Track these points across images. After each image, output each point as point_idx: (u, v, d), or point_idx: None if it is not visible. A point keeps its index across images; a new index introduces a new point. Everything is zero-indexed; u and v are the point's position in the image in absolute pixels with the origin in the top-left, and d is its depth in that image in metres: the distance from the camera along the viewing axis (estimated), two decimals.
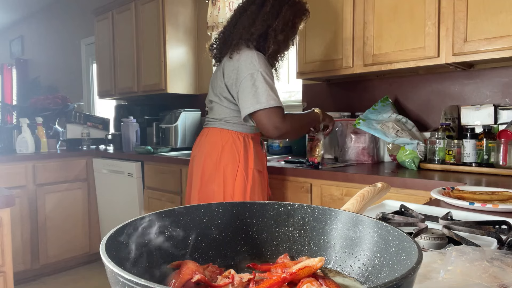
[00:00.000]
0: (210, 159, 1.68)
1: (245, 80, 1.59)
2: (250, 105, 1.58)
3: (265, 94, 1.57)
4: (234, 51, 1.63)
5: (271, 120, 1.58)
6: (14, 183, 2.75)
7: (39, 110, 3.24)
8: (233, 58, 1.63)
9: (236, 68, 1.62)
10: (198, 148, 1.77)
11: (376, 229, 0.46)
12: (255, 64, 1.59)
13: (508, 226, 0.72)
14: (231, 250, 0.53)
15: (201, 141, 1.76)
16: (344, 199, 1.71)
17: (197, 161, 1.74)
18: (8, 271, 1.32)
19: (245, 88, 1.58)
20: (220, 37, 1.76)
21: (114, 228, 0.43)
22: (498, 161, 1.62)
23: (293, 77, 2.53)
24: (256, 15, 1.65)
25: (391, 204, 0.96)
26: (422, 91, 2.11)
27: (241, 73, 1.60)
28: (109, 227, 3.02)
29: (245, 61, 1.60)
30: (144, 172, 2.77)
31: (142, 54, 3.23)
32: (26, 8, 5.61)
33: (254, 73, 1.58)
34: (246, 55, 1.61)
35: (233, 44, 1.64)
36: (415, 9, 1.77)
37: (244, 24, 1.65)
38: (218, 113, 1.72)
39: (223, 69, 1.68)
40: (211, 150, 1.69)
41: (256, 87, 1.57)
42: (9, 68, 6.56)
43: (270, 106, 1.57)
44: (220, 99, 1.70)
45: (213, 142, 1.70)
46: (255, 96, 1.57)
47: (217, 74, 1.73)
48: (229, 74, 1.64)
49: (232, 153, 1.67)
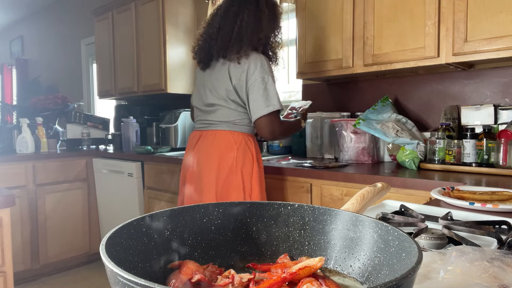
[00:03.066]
0: (225, 162, 1.69)
1: (256, 83, 1.64)
2: (263, 107, 1.64)
3: (276, 97, 1.66)
4: (242, 57, 1.66)
5: (271, 123, 1.67)
6: (14, 183, 2.75)
7: (39, 110, 3.24)
8: (242, 63, 1.66)
9: (245, 72, 1.66)
10: (204, 152, 1.74)
11: (376, 229, 0.46)
12: (264, 68, 1.66)
13: (508, 226, 0.72)
14: (231, 250, 0.53)
15: (209, 144, 1.74)
16: (344, 199, 1.71)
17: (206, 165, 1.72)
18: (8, 271, 1.32)
19: (257, 91, 1.65)
20: (204, 41, 1.77)
21: (114, 228, 0.43)
22: (498, 161, 1.62)
23: (293, 77, 2.53)
24: (258, 20, 1.68)
25: (391, 204, 0.96)
26: (422, 91, 2.11)
27: (251, 77, 1.65)
28: (109, 227, 3.02)
29: (255, 65, 1.65)
30: (144, 172, 2.77)
31: (142, 54, 3.23)
32: (26, 8, 5.61)
33: (265, 77, 1.65)
34: (255, 58, 1.66)
35: (237, 49, 1.66)
36: (415, 9, 1.77)
37: (247, 31, 1.67)
38: (224, 115, 1.73)
39: (230, 73, 1.69)
40: (225, 153, 1.70)
41: (267, 90, 1.65)
42: (9, 68, 6.56)
43: (279, 108, 1.67)
44: (227, 101, 1.71)
45: (226, 145, 1.71)
46: (268, 99, 1.64)
47: (218, 77, 1.73)
48: (238, 77, 1.67)
49: (247, 154, 1.72)
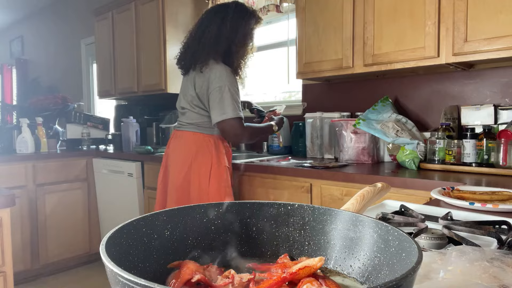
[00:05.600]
0: (185, 161, 1.86)
1: (214, 92, 1.80)
2: (218, 115, 1.80)
3: (231, 106, 1.79)
4: (203, 66, 1.83)
5: (233, 128, 1.81)
6: (14, 183, 2.75)
7: (39, 110, 3.23)
8: (204, 72, 1.84)
9: (206, 81, 1.82)
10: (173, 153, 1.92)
11: (376, 229, 0.46)
12: (223, 78, 1.80)
13: (508, 226, 0.72)
14: (231, 250, 0.53)
15: (177, 144, 1.93)
16: (344, 199, 1.71)
17: (173, 162, 1.91)
18: (8, 271, 1.32)
19: (214, 99, 1.80)
20: (185, 51, 1.95)
21: (114, 228, 0.43)
22: (498, 161, 1.62)
23: (293, 77, 2.53)
24: (219, 33, 1.85)
25: (391, 204, 0.96)
26: (422, 91, 2.11)
27: (211, 86, 1.81)
28: (109, 227, 3.02)
29: (215, 74, 1.80)
30: (144, 172, 2.77)
31: (142, 54, 3.23)
32: (26, 8, 5.61)
33: (222, 86, 1.79)
34: (216, 69, 1.81)
35: (201, 60, 1.84)
36: (415, 9, 1.77)
37: (210, 42, 1.84)
38: (190, 118, 1.91)
39: (194, 81, 1.88)
40: (186, 153, 1.87)
41: (223, 99, 1.79)
42: (9, 68, 6.56)
43: (233, 116, 1.79)
44: (192, 106, 1.90)
45: (187, 146, 1.88)
46: (222, 108, 1.79)
47: (187, 84, 1.93)
48: (200, 85, 1.85)
49: (205, 154, 1.86)
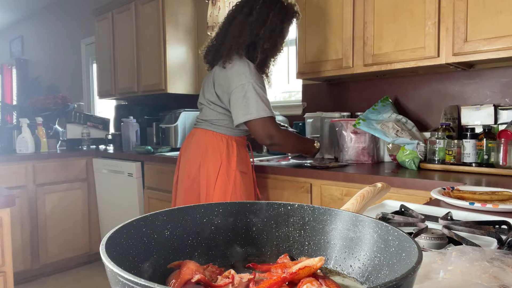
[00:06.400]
0: (194, 161, 1.74)
1: (236, 90, 1.64)
2: (241, 116, 1.64)
3: (255, 105, 1.63)
4: (226, 61, 1.68)
5: (265, 129, 1.65)
6: (14, 183, 2.75)
7: (39, 110, 3.24)
8: (226, 67, 1.68)
9: (227, 78, 1.67)
10: (185, 151, 1.83)
11: (376, 229, 0.46)
12: (246, 75, 1.64)
13: (508, 226, 0.72)
14: (231, 250, 0.53)
15: (189, 142, 1.82)
16: (344, 199, 1.71)
17: (183, 163, 1.82)
18: (8, 271, 1.32)
19: (236, 99, 1.64)
20: (212, 44, 1.80)
21: (114, 228, 0.43)
22: (498, 161, 1.62)
23: (293, 77, 2.53)
24: (243, 25, 1.69)
25: (391, 204, 0.96)
26: (422, 91, 2.11)
27: (232, 84, 1.65)
28: (109, 227, 3.02)
29: (237, 71, 1.65)
30: (144, 172, 2.77)
31: (142, 54, 3.23)
32: (26, 8, 5.61)
33: (245, 84, 1.63)
34: (238, 65, 1.66)
35: (224, 54, 1.69)
36: (415, 9, 1.77)
37: (234, 34, 1.69)
38: (205, 114, 1.79)
39: (214, 77, 1.74)
40: (196, 151, 1.75)
41: (246, 98, 1.63)
42: (9, 68, 6.56)
43: (260, 116, 1.63)
44: (208, 102, 1.77)
45: (197, 144, 1.76)
46: (246, 107, 1.63)
47: (209, 80, 1.79)
48: (220, 83, 1.70)
49: (214, 154, 1.72)
